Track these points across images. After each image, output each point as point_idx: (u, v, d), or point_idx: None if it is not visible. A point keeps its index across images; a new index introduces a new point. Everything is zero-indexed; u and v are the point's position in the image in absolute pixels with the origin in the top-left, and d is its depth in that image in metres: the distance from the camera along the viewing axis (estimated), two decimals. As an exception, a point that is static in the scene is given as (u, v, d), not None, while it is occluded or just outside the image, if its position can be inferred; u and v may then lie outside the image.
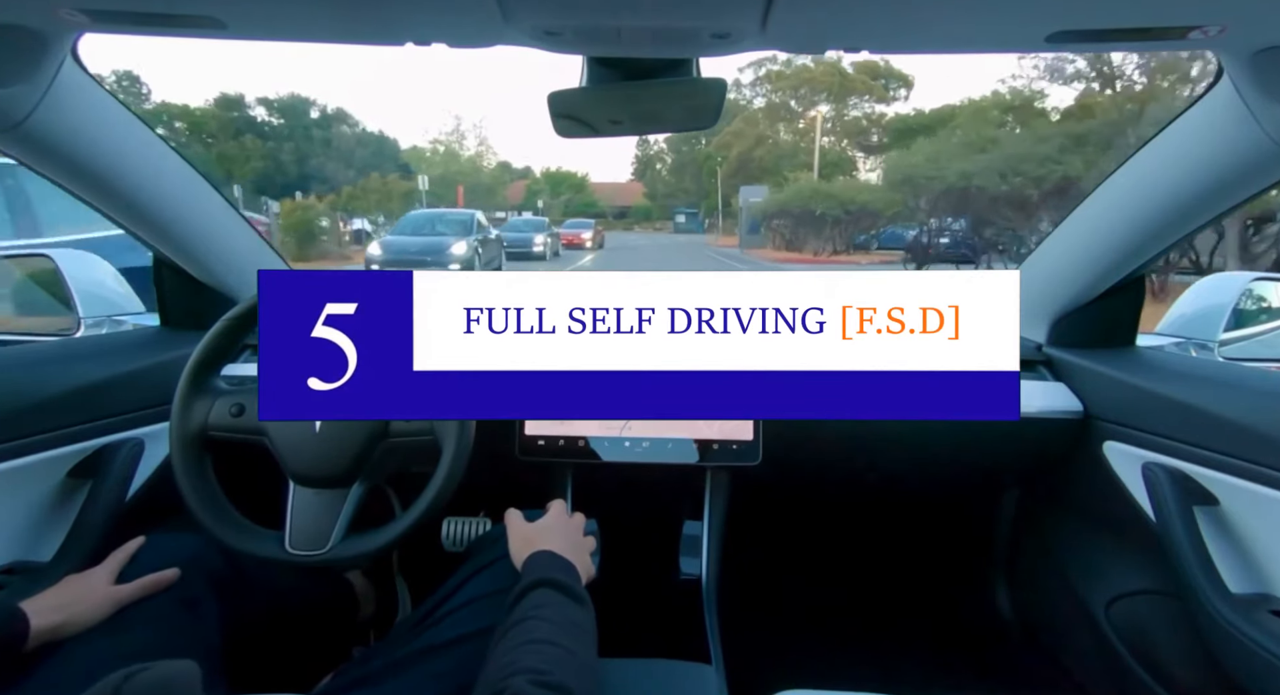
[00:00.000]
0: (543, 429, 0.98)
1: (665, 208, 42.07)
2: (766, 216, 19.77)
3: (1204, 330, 1.30)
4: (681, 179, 40.58)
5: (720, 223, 31.23)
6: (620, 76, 0.68)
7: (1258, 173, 0.73)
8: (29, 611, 0.61)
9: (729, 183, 29.63)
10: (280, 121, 32.70)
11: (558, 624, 0.56)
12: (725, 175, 30.68)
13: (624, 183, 48.93)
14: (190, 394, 0.77)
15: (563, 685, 0.48)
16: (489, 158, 36.54)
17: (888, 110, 30.67)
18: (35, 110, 0.70)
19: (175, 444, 0.75)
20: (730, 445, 0.97)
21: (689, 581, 0.99)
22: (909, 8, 0.54)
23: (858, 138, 30.93)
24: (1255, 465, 0.71)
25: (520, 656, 0.51)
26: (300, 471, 0.75)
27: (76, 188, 0.85)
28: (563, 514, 0.78)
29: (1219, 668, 0.72)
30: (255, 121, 32.36)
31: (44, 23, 0.62)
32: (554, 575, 0.62)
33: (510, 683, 0.47)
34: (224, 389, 0.79)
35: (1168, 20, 0.54)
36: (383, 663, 0.67)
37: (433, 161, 32.72)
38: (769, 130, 31.22)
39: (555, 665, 0.50)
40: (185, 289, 1.06)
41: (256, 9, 0.57)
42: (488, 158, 36.19)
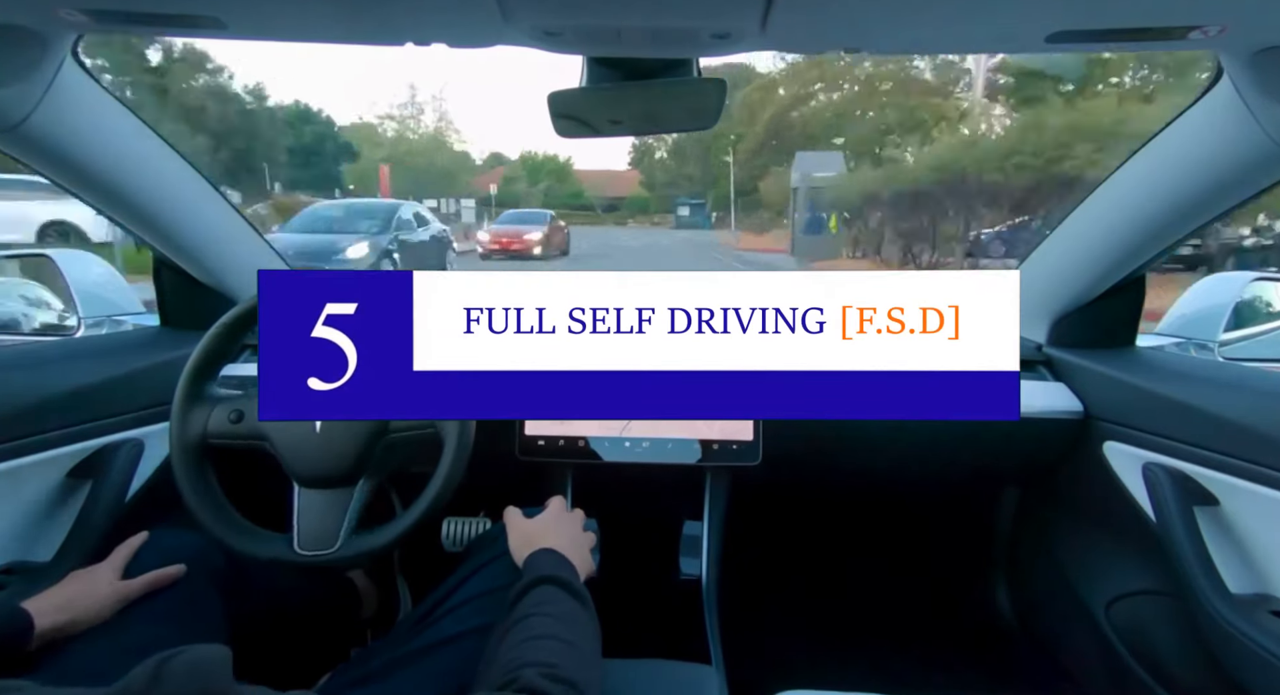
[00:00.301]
0: (543, 429, 0.98)
1: (665, 199, 35.34)
2: (845, 206, 12.08)
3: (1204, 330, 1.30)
4: (684, 163, 33.81)
5: (733, 215, 24.13)
6: (620, 77, 0.68)
7: (1258, 173, 0.73)
8: (34, 611, 0.61)
9: (753, 163, 22.38)
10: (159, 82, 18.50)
11: (562, 620, 0.56)
12: (748, 153, 22.96)
13: (619, 171, 42.25)
14: (187, 403, 0.77)
15: (571, 680, 0.48)
16: (450, 135, 29.94)
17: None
18: (35, 110, 0.70)
19: (176, 453, 0.75)
20: (730, 445, 0.97)
21: (689, 581, 0.99)
22: (909, 8, 0.54)
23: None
24: (1255, 465, 0.71)
25: (527, 651, 0.51)
26: (303, 473, 0.75)
27: (76, 188, 0.85)
28: (562, 510, 0.78)
29: (1219, 668, 0.72)
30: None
31: (44, 23, 0.62)
32: (556, 573, 0.62)
33: (520, 674, 0.47)
34: (221, 396, 0.79)
35: (1168, 20, 0.54)
36: (383, 661, 0.67)
37: (381, 141, 27.73)
38: (807, 88, 21.50)
39: (563, 660, 0.50)
40: (185, 289, 1.06)
41: (256, 9, 0.57)
42: (449, 135, 29.69)
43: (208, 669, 0.37)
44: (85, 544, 0.79)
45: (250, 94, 23.41)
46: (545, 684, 0.46)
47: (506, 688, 0.46)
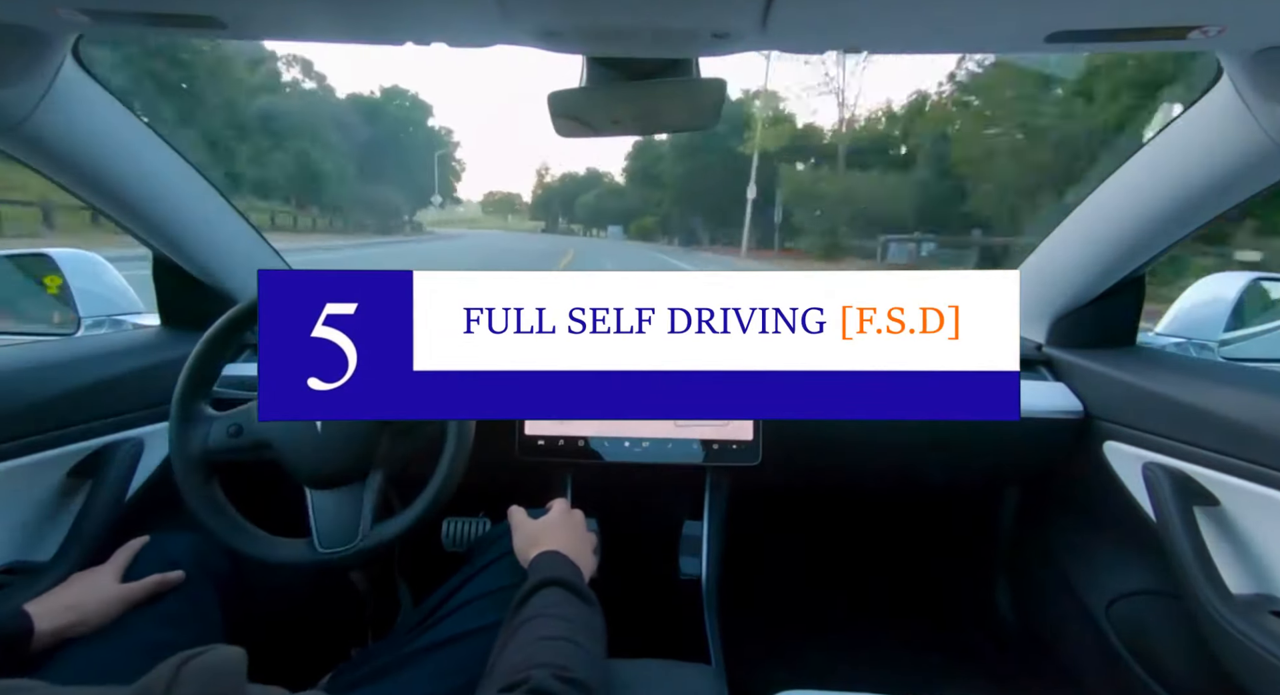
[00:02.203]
0: (543, 429, 0.98)
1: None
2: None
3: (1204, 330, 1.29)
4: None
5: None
6: (620, 77, 0.68)
7: (1258, 173, 0.73)
8: (35, 613, 0.61)
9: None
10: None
11: (572, 622, 0.56)
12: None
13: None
14: (184, 423, 0.76)
15: (584, 682, 0.48)
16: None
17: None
18: (35, 110, 0.70)
19: (179, 471, 0.75)
20: (730, 445, 0.97)
21: (689, 581, 0.99)
22: (909, 8, 0.54)
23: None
24: (1256, 465, 0.71)
25: (537, 652, 0.51)
26: (310, 475, 0.75)
27: (76, 188, 0.85)
28: (565, 512, 0.78)
29: (1219, 668, 0.72)
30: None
31: (44, 23, 0.62)
32: (562, 575, 0.62)
33: (532, 675, 0.47)
34: (216, 415, 0.79)
35: (1168, 20, 0.54)
36: (384, 661, 0.67)
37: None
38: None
39: (574, 662, 0.50)
40: (185, 289, 1.06)
41: (256, 9, 0.57)
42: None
43: (224, 671, 0.37)
44: (85, 544, 0.79)
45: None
46: (557, 685, 0.46)
47: (517, 688, 0.46)
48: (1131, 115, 9.67)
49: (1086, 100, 11.01)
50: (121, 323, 1.26)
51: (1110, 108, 10.31)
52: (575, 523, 0.76)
